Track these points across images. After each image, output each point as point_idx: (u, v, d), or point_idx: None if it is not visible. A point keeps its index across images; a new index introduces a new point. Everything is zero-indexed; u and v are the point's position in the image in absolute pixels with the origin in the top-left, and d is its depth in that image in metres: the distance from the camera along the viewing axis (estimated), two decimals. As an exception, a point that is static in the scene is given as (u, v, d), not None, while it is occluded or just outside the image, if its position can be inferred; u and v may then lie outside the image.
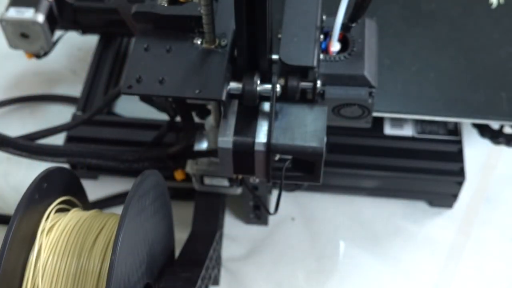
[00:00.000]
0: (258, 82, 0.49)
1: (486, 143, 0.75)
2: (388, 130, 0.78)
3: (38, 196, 0.53)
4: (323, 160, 0.49)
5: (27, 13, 0.73)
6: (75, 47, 0.97)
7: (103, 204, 0.80)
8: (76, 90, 0.88)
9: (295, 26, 0.53)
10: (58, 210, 0.56)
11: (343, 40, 0.55)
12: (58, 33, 0.80)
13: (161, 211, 0.59)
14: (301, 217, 0.81)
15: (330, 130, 0.51)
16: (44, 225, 0.54)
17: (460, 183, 0.77)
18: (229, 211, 0.82)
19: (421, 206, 0.82)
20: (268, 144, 0.49)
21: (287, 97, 0.51)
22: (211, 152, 0.64)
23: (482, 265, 0.77)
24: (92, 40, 0.92)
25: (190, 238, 0.69)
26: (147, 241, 0.55)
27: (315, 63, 0.50)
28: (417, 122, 0.78)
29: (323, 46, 0.55)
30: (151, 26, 0.53)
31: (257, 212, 0.79)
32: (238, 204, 0.81)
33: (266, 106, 0.51)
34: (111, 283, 0.46)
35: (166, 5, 0.53)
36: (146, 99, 0.63)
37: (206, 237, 0.69)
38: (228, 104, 0.51)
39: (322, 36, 0.55)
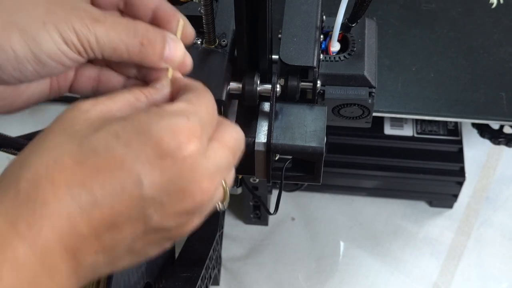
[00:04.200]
0: (258, 82, 0.49)
1: (486, 143, 0.75)
2: (388, 130, 0.78)
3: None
4: (323, 160, 0.49)
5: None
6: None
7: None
8: (76, 90, 0.88)
9: (295, 26, 0.53)
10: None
11: (343, 40, 0.55)
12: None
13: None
14: (301, 217, 0.81)
15: (330, 130, 0.51)
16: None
17: (460, 183, 0.77)
18: (229, 211, 0.82)
19: (421, 206, 0.82)
20: (268, 144, 0.49)
21: (287, 97, 0.51)
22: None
23: (482, 265, 0.77)
24: (92, 40, 0.93)
25: (190, 238, 0.69)
26: (147, 241, 0.55)
27: (315, 63, 0.50)
28: (417, 122, 0.78)
29: (323, 46, 0.55)
30: (151, 26, 0.53)
31: (257, 212, 0.79)
32: (238, 204, 0.81)
33: (266, 106, 0.51)
34: (112, 283, 0.46)
35: (166, 5, 0.53)
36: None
37: (206, 237, 0.69)
38: (228, 104, 0.51)
39: (322, 36, 0.55)
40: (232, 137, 0.39)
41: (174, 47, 0.41)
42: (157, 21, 0.42)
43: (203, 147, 0.35)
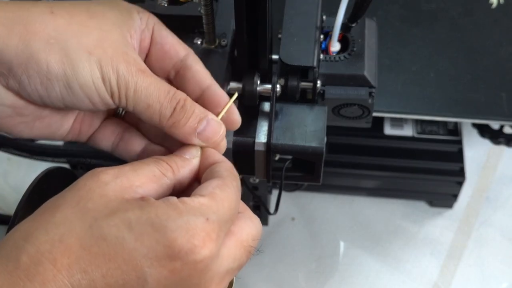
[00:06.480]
0: (258, 82, 0.49)
1: (486, 143, 0.75)
2: (388, 130, 0.78)
3: (38, 196, 0.53)
4: (323, 160, 0.49)
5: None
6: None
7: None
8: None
9: (295, 26, 0.53)
10: (58, 210, 0.56)
11: (343, 40, 0.55)
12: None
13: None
14: (301, 217, 0.81)
15: (330, 130, 0.51)
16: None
17: (460, 183, 0.77)
18: (229, 211, 0.82)
19: (421, 206, 0.82)
20: (268, 144, 0.49)
21: (287, 97, 0.51)
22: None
23: (482, 265, 0.77)
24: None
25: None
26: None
27: (315, 63, 0.50)
28: (417, 122, 0.78)
29: (323, 46, 0.55)
30: (151, 26, 0.53)
31: (257, 212, 0.79)
32: (238, 204, 0.81)
33: (266, 106, 0.51)
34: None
35: (166, 5, 0.53)
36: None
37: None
38: (228, 104, 0.51)
39: (322, 36, 0.55)
40: (250, 234, 0.37)
41: (214, 126, 0.39)
42: (204, 101, 0.41)
43: (218, 248, 0.34)
